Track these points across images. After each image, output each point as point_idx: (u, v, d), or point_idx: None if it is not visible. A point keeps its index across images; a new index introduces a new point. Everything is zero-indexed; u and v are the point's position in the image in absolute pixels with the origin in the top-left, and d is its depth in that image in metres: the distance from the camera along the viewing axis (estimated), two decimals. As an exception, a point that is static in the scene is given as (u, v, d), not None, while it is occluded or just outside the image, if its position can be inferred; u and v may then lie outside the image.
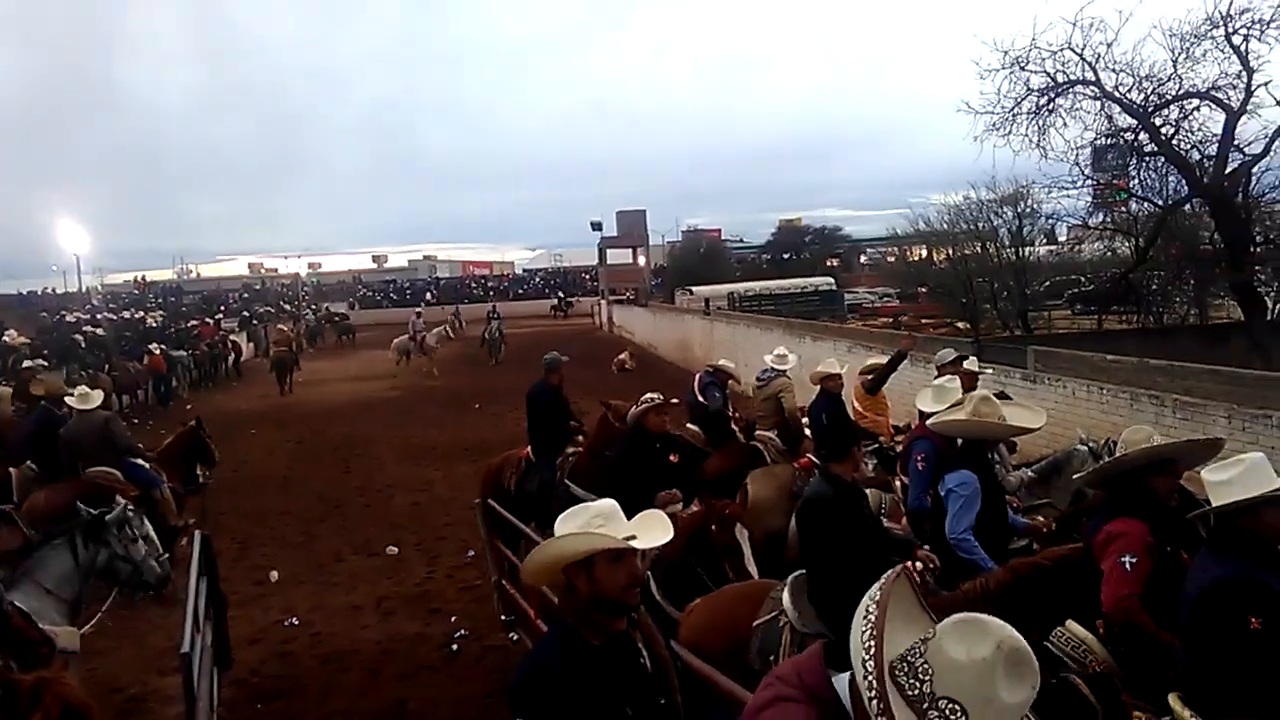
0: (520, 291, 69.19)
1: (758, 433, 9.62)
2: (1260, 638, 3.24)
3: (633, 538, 2.79)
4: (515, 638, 7.50)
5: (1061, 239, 26.94)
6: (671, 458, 7.47)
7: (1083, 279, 27.00)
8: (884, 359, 9.49)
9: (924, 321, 27.38)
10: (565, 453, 8.82)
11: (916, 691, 1.65)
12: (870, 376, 9.33)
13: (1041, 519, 6.50)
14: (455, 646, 7.83)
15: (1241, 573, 3.35)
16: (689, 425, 10.01)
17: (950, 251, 26.54)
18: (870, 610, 1.71)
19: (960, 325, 24.68)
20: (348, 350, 40.62)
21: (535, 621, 6.52)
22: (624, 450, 7.44)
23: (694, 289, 42.30)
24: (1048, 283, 27.77)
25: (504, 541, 7.85)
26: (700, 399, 9.99)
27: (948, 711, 1.62)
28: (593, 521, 2.83)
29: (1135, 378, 12.93)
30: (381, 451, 17.07)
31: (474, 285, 71.14)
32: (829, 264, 57.19)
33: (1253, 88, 19.25)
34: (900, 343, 10.25)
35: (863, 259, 59.36)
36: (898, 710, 1.62)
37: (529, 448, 8.95)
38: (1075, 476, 6.44)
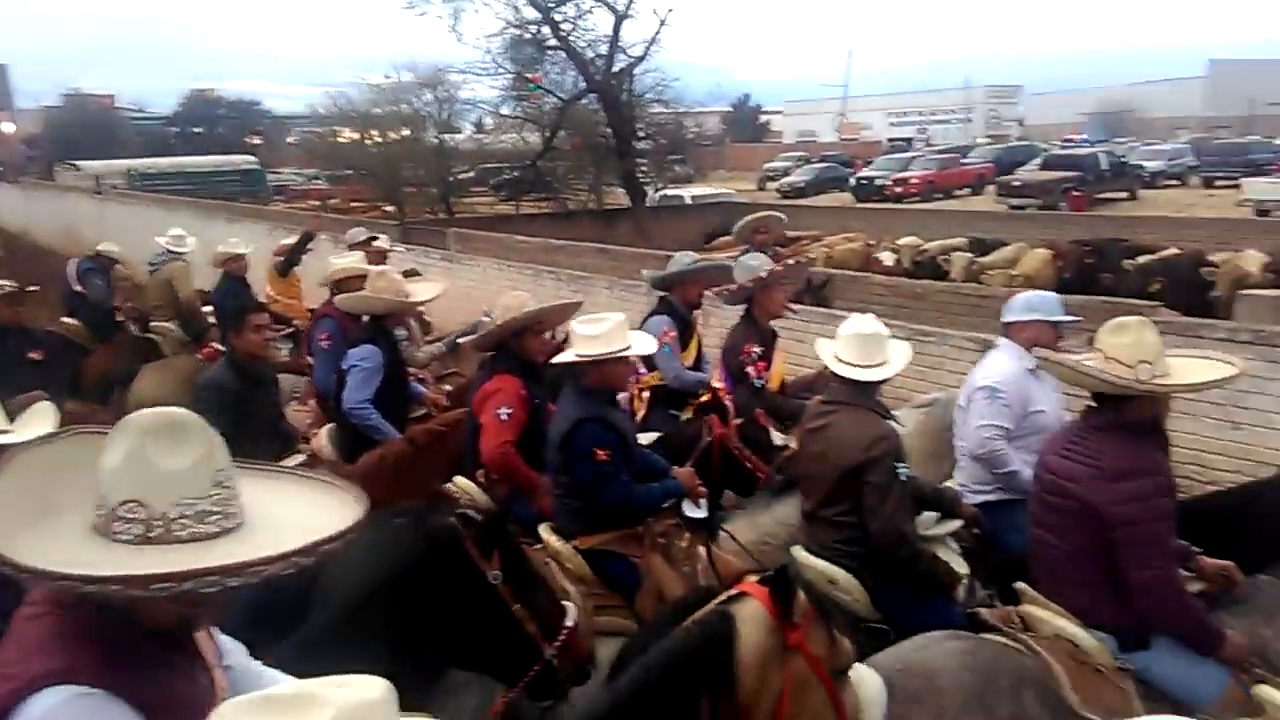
0: None
1: (154, 324, 8.67)
2: (607, 464, 3.77)
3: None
4: None
5: (489, 126, 28.26)
6: (33, 355, 6.38)
7: (504, 166, 28.69)
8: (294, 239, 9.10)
9: (353, 204, 26.95)
10: None
11: (99, 519, 1.56)
12: (281, 259, 8.90)
13: (448, 388, 6.86)
14: None
15: (591, 414, 3.83)
16: (65, 319, 8.65)
17: (378, 135, 26.26)
18: None
19: (387, 209, 24.73)
20: None
21: None
22: None
23: (81, 164, 36.31)
24: (470, 170, 28.98)
25: None
26: (79, 289, 8.66)
27: (128, 516, 1.54)
28: None
29: (540, 256, 14.21)
30: None
31: None
32: (250, 141, 53.19)
33: (634, -7, 21.79)
34: (308, 223, 9.94)
35: (290, 138, 56.27)
36: (62, 555, 1.49)
37: None
38: (462, 340, 6.85)
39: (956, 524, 3.88)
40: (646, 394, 5.94)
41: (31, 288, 6.67)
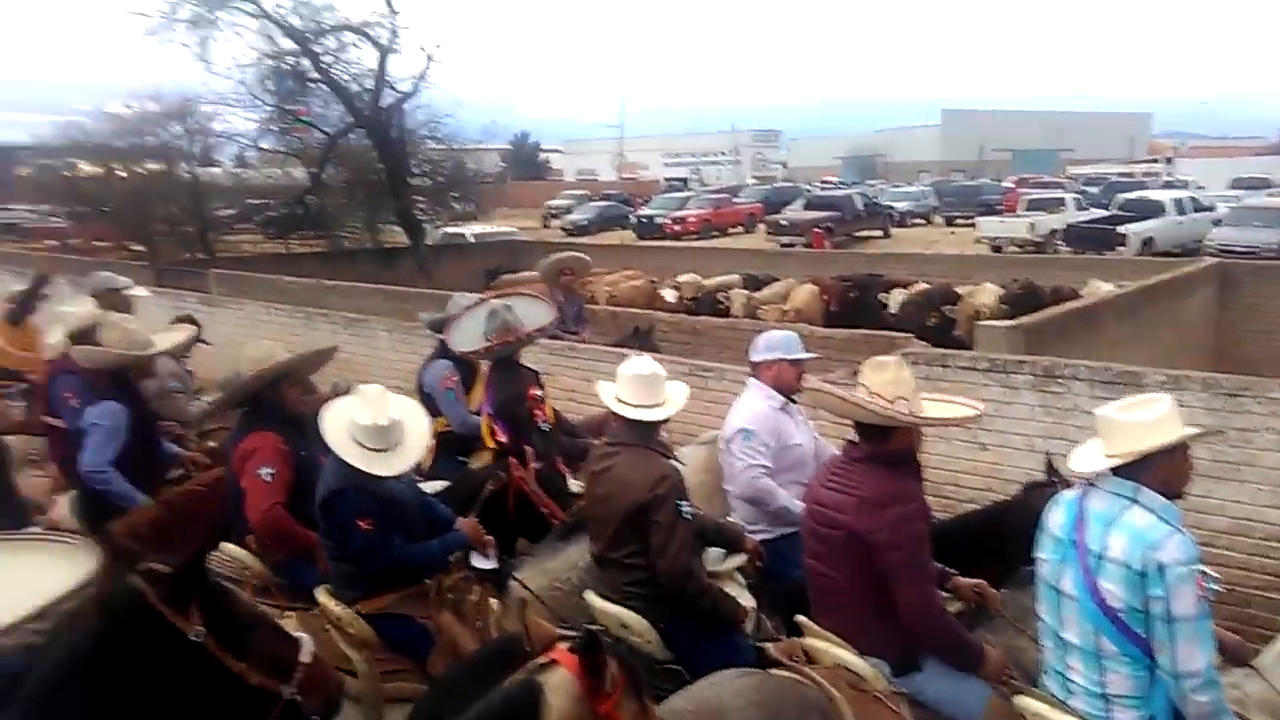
0: None
1: None
2: (372, 534, 3.61)
3: None
4: None
5: (253, 160, 26.76)
6: None
7: (270, 202, 27.23)
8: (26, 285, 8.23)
9: (96, 244, 24.66)
10: None
11: None
12: (13, 306, 8.00)
13: (212, 444, 6.35)
14: None
15: (350, 482, 3.63)
16: None
17: (122, 170, 24.17)
18: None
19: (137, 248, 22.82)
20: None
21: None
22: None
23: None
24: (232, 207, 27.31)
25: None
26: None
27: None
28: None
29: (313, 298, 13.56)
30: None
31: None
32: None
33: (398, 28, 21.47)
34: (39, 266, 9.06)
35: (22, 171, 50.85)
36: None
37: None
38: (209, 401, 6.40)
39: (741, 559, 3.99)
40: (432, 441, 5.77)
41: None
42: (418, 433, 3.80)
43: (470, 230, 27.45)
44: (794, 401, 4.43)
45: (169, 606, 2.38)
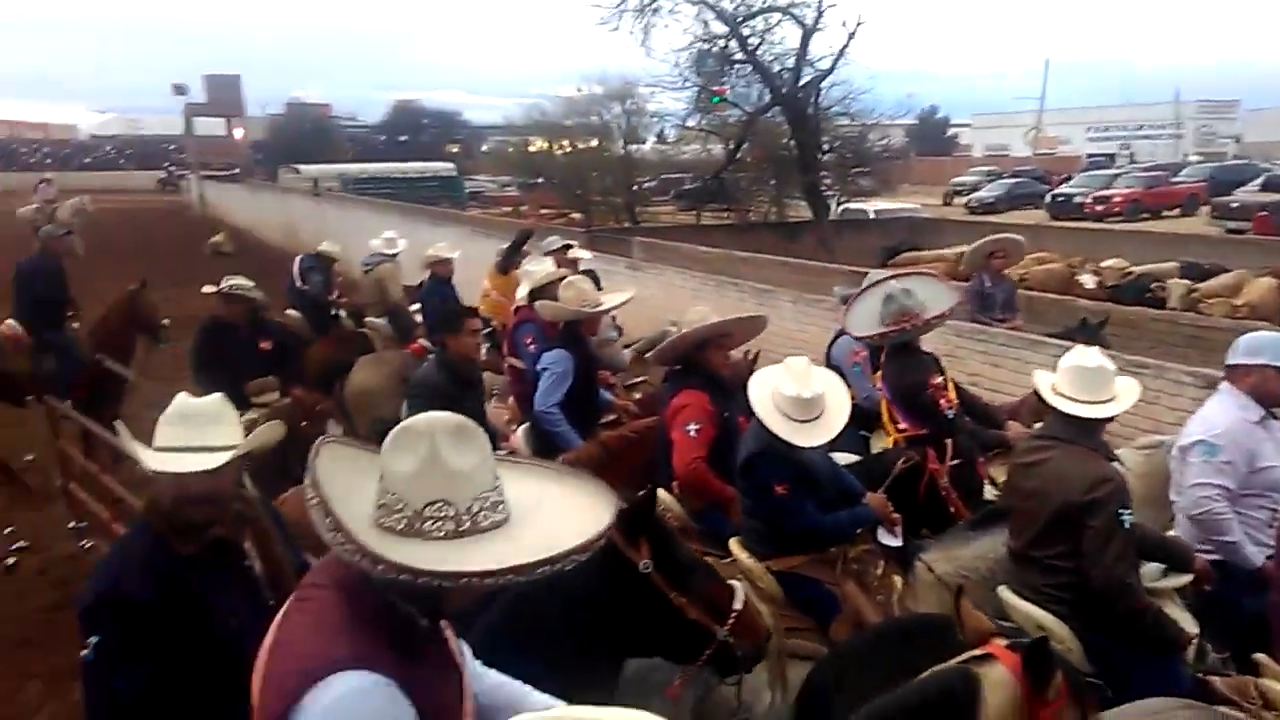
0: (88, 161, 59.83)
1: (367, 320, 9.28)
2: (786, 499, 3.76)
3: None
4: (87, 545, 6.66)
5: (672, 138, 28.72)
6: (262, 345, 6.96)
7: (686, 177, 29.04)
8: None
9: (542, 211, 27.86)
10: (71, 326, 8.17)
11: (404, 522, 1.65)
12: (501, 259, 9.31)
13: (638, 395, 7.00)
14: (11, 560, 6.83)
15: (769, 447, 3.79)
16: (289, 312, 9.38)
17: (567, 145, 27.15)
18: (310, 494, 1.65)
19: (575, 216, 25.46)
20: None
21: (111, 526, 5.82)
22: (199, 341, 6.82)
23: (301, 168, 39.34)
24: (654, 179, 29.47)
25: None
26: (301, 284, 9.39)
27: (437, 515, 1.64)
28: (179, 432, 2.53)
29: (723, 267, 14.27)
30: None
31: (24, 150, 60.20)
32: (449, 149, 56.05)
33: (823, 8, 21.63)
34: (528, 223, 10.42)
35: (485, 147, 58.95)
36: (400, 552, 1.59)
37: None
38: (648, 355, 6.94)
39: (1185, 579, 3.61)
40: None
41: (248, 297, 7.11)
42: (839, 407, 3.87)
43: (871, 207, 27.15)
44: (1276, 417, 3.88)
45: (623, 538, 2.70)
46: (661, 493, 4.63)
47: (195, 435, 2.53)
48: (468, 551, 1.63)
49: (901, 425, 5.02)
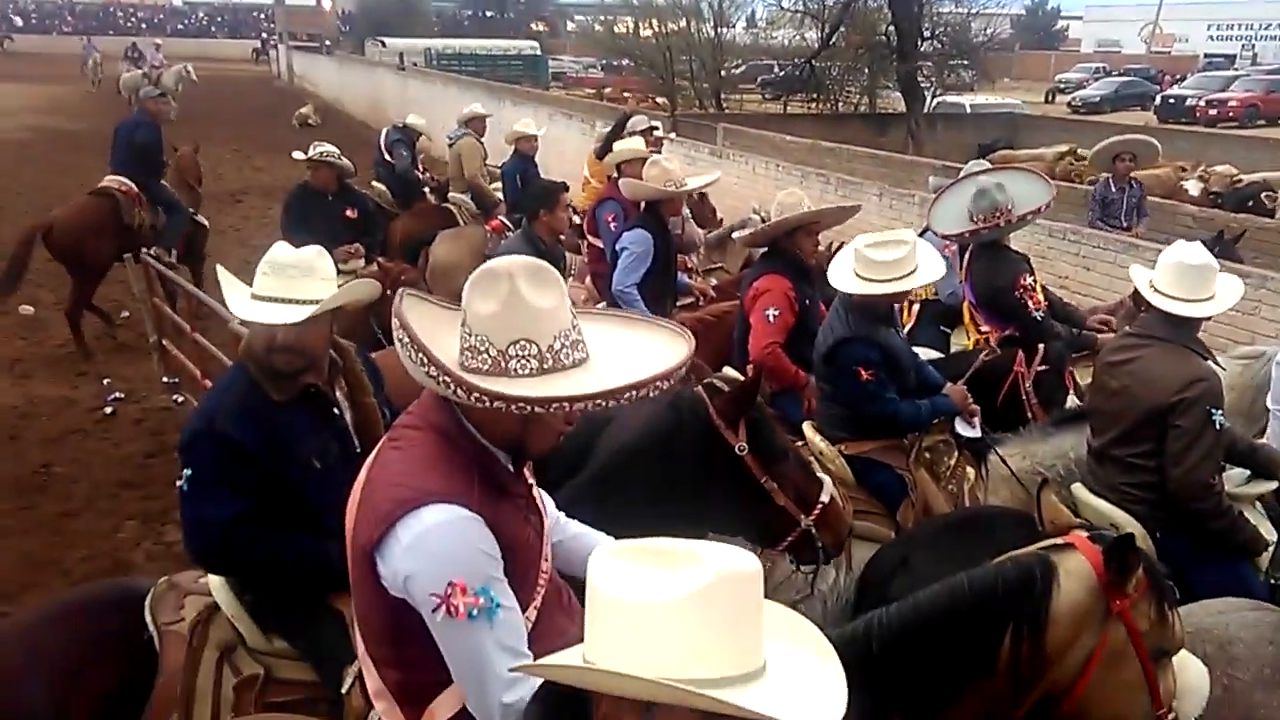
0: (180, 27, 60.34)
1: (450, 195, 9.33)
2: (870, 383, 3.77)
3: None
4: (180, 399, 7.00)
5: (765, 20, 27.69)
6: (348, 213, 7.07)
7: (775, 64, 28.11)
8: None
9: (626, 94, 27.40)
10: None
11: (489, 362, 1.68)
12: (600, 144, 9.21)
13: (715, 281, 6.96)
14: (109, 409, 7.21)
15: (857, 333, 3.79)
16: (375, 184, 9.48)
17: (655, 25, 26.38)
18: (402, 338, 1.70)
19: (659, 100, 24.96)
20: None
21: (202, 383, 6.10)
22: (288, 204, 6.97)
23: (387, 41, 39.13)
24: (742, 65, 28.59)
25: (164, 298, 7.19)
26: (387, 157, 9.44)
27: (521, 354, 1.68)
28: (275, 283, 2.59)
29: (808, 158, 13.91)
30: (6, 199, 14.53)
31: (120, 14, 60.88)
32: (535, 27, 55.04)
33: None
34: (629, 106, 10.24)
35: (570, 25, 57.68)
36: (492, 386, 1.64)
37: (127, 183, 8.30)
38: (735, 236, 6.86)
39: (1269, 486, 3.52)
40: (916, 306, 5.77)
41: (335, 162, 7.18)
42: (924, 265, 3.82)
43: (968, 100, 25.99)
44: None
45: (722, 419, 2.76)
46: (732, 372, 4.66)
47: (286, 287, 2.58)
48: (554, 384, 1.67)
49: (984, 328, 4.92)
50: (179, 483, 2.60)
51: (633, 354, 1.78)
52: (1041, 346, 4.44)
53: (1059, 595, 2.00)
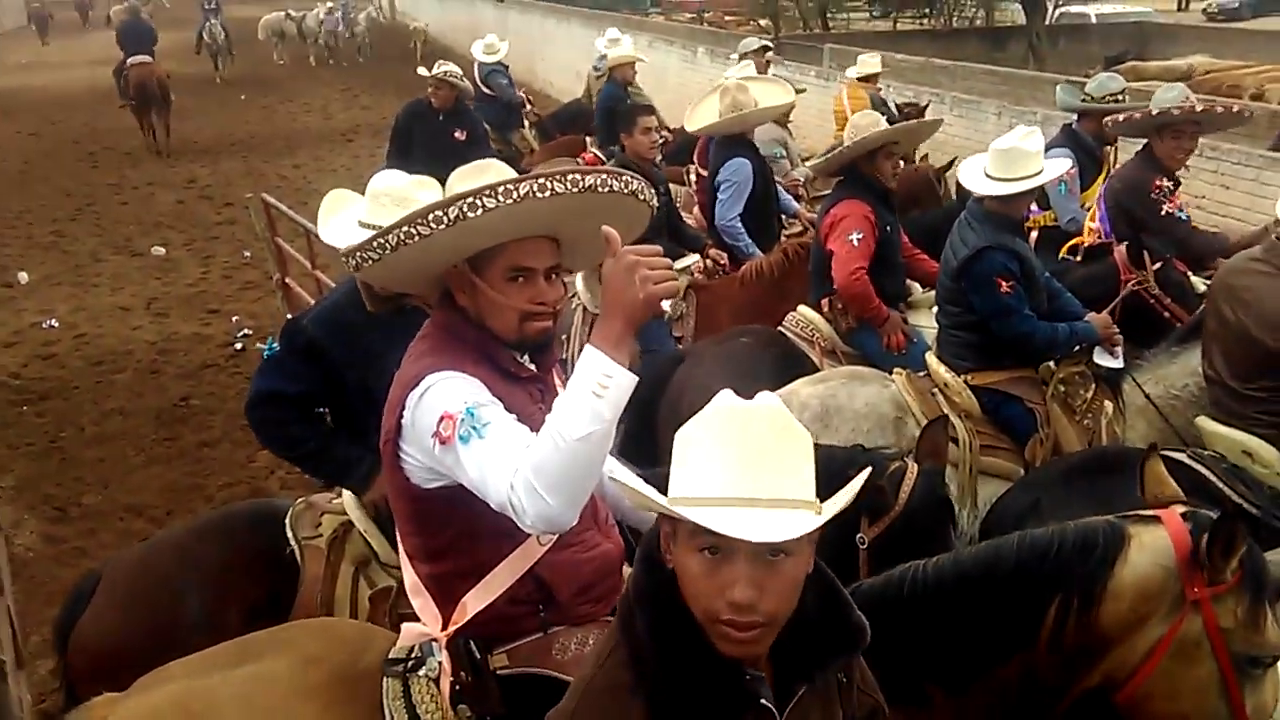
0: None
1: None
2: (1010, 296, 3.59)
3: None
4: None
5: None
6: (456, 134, 7.10)
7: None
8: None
9: (727, 18, 26.64)
10: None
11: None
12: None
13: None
14: (239, 345, 7.54)
15: (996, 241, 3.63)
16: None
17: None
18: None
19: (762, 23, 24.18)
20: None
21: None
22: (399, 121, 7.05)
23: (486, -27, 38.86)
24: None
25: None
26: (486, 91, 9.36)
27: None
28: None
29: (921, 77, 13.32)
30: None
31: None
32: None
33: None
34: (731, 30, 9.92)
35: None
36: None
37: None
38: (810, 163, 6.64)
39: None
40: (1035, 234, 5.48)
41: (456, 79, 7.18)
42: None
43: (1094, 9, 24.40)
44: None
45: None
46: (808, 312, 4.53)
47: (378, 214, 2.64)
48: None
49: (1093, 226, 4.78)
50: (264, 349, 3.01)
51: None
52: (1147, 248, 4.18)
53: (1123, 568, 1.81)
